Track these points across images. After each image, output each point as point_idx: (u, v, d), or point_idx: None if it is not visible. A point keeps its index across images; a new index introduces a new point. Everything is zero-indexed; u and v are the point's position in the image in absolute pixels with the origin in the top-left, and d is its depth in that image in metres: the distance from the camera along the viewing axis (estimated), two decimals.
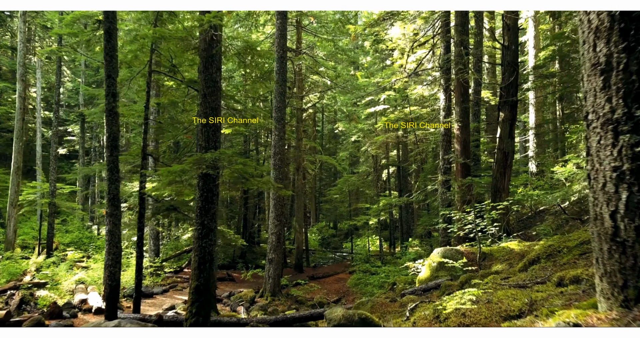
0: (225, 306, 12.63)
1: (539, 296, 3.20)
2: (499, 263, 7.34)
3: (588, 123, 2.38)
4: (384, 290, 15.10)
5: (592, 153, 2.34)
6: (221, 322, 7.81)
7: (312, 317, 7.78)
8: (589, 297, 2.74)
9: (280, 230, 13.75)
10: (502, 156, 11.62)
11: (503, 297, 3.47)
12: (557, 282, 3.44)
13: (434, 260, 8.36)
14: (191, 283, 6.45)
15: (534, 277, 4.39)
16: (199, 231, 6.57)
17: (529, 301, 3.09)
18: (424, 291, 7.44)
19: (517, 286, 3.99)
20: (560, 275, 3.49)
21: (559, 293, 3.15)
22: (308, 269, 21.64)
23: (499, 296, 3.54)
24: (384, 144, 23.85)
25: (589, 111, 2.37)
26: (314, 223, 36.48)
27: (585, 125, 2.41)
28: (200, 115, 6.79)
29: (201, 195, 6.61)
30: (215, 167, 6.32)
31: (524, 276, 4.56)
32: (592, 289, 2.88)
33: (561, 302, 2.78)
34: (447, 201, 12.31)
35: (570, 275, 3.39)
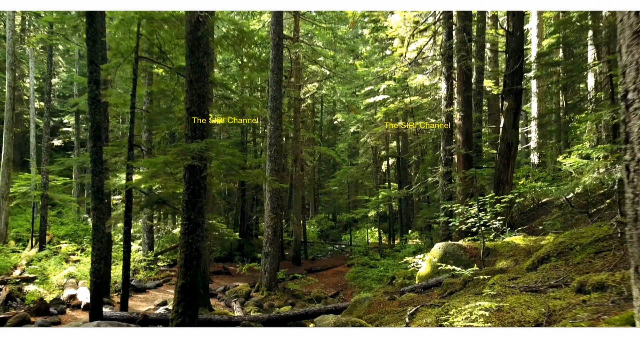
0: (219, 301, 12.30)
1: (557, 305, 2.81)
2: (503, 259, 6.96)
3: (627, 104, 1.96)
4: (382, 284, 14.77)
5: (632, 140, 1.93)
6: (211, 320, 7.45)
7: (307, 315, 7.43)
8: (619, 309, 2.36)
9: (276, 223, 13.39)
10: (505, 147, 11.20)
11: (515, 303, 3.08)
12: (577, 288, 3.05)
13: (434, 256, 7.98)
14: (177, 281, 6.07)
15: (546, 278, 4.00)
16: (186, 226, 6.18)
17: (546, 311, 2.71)
18: (424, 289, 7.07)
19: (529, 290, 3.60)
20: (581, 280, 3.10)
21: (580, 302, 2.77)
22: (306, 262, 21.33)
23: (511, 302, 3.15)
24: (384, 135, 23.41)
25: (628, 89, 1.95)
26: (313, 214, 36.16)
27: (624, 106, 1.99)
28: (186, 103, 6.36)
29: (187, 188, 6.21)
30: (201, 158, 5.91)
31: (534, 277, 4.17)
32: (623, 300, 2.50)
33: (586, 315, 2.40)
34: (448, 193, 11.92)
35: (593, 280, 3.00)
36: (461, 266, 7.41)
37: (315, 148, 24.23)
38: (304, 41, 20.44)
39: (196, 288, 6.13)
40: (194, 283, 6.10)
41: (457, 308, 3.66)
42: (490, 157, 16.30)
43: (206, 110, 6.41)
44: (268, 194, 13.34)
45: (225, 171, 6.56)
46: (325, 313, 7.50)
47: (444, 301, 4.96)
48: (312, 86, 23.33)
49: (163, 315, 9.05)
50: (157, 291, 12.89)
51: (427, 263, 8.11)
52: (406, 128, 20.53)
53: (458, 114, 11.86)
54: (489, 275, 6.05)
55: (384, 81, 21.89)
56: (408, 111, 19.68)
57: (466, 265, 7.40)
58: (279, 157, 13.50)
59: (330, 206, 34.08)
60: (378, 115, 21.47)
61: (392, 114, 21.42)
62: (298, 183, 20.75)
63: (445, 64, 12.64)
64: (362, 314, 6.42)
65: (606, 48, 13.54)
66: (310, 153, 26.70)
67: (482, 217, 7.53)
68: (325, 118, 42.00)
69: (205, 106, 6.41)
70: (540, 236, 7.63)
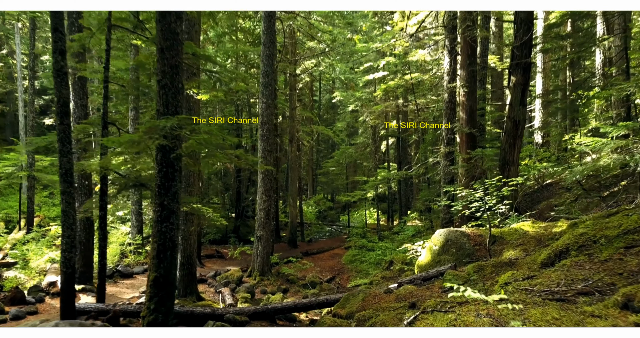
0: (209, 287, 11.79)
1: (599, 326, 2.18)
2: (511, 249, 6.34)
3: None
4: (380, 268, 14.26)
5: None
6: (193, 313, 6.89)
7: (297, 308, 6.86)
8: None
9: (269, 206, 12.77)
10: (512, 126, 10.48)
11: (541, 320, 2.45)
12: (623, 303, 2.42)
13: (435, 243, 7.37)
14: (149, 274, 5.46)
15: (569, 280, 3.36)
16: (158, 213, 5.52)
17: None
18: (423, 281, 6.47)
19: (553, 298, 2.96)
20: (626, 292, 2.45)
21: (632, 324, 2.14)
22: (302, 244, 20.85)
23: (534, 318, 2.52)
24: (383, 113, 22.60)
25: None
26: (312, 195, 35.60)
27: None
28: (157, 74, 5.61)
29: (160, 171, 5.52)
30: (173, 137, 5.21)
31: (554, 277, 3.53)
32: None
33: None
34: (449, 175, 11.25)
35: None
36: (464, 255, 6.81)
37: (312, 127, 23.45)
38: (300, 14, 19.41)
39: (171, 281, 5.52)
40: (168, 276, 5.48)
41: (466, 317, 3.02)
42: (494, 136, 15.57)
43: (180, 83, 5.66)
44: (260, 175, 12.67)
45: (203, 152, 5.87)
46: (317, 306, 6.93)
47: (446, 300, 4.34)
48: (309, 63, 22.39)
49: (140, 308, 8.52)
50: (144, 277, 12.36)
51: (427, 251, 7.50)
52: (406, 106, 19.70)
53: (461, 90, 11.09)
54: (496, 267, 5.43)
55: (384, 57, 20.96)
56: (408, 88, 18.82)
57: (469, 254, 6.80)
58: (272, 136, 12.78)
59: (329, 187, 33.48)
60: (377, 93, 20.63)
61: (392, 91, 20.59)
62: (294, 163, 20.07)
63: (448, 36, 11.79)
64: (355, 309, 5.84)
65: (621, 19, 12.65)
66: (308, 132, 25.93)
67: (488, 201, 6.87)
68: (324, 97, 41.03)
69: (179, 78, 5.66)
70: (551, 223, 6.99)
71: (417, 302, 5.38)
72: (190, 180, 9.69)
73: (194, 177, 9.75)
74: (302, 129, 24.65)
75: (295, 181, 20.26)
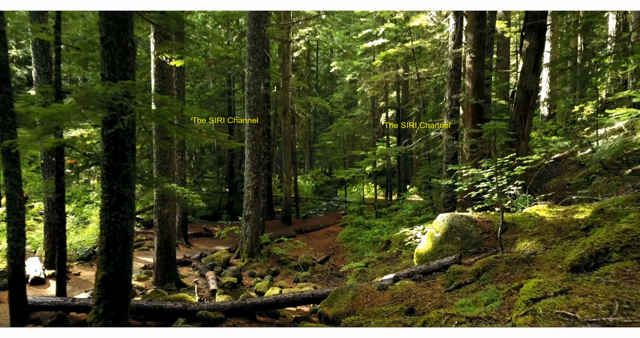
0: (194, 270, 11.02)
1: None
2: (526, 239, 5.45)
3: None
4: (377, 248, 13.50)
5: None
6: (162, 308, 6.08)
7: (278, 304, 6.05)
8: None
9: (257, 183, 11.86)
10: (523, 96, 9.45)
11: None
12: None
13: (437, 230, 6.48)
14: (97, 272, 4.59)
15: (624, 303, 2.46)
16: (107, 200, 4.60)
17: None
18: (423, 275, 5.62)
19: None
20: None
21: None
22: (297, 221, 20.08)
23: None
24: (383, 84, 21.38)
25: None
26: (309, 169, 34.73)
27: None
28: (100, 31, 4.56)
29: (107, 149, 4.56)
30: (122, 109, 4.21)
31: (600, 295, 2.63)
32: None
33: None
34: (452, 150, 10.29)
35: None
36: (470, 244, 5.93)
37: (308, 99, 22.29)
38: None
39: (124, 281, 4.65)
40: (120, 274, 4.61)
41: None
42: (500, 108, 14.51)
43: (130, 41, 4.62)
44: (248, 151, 11.71)
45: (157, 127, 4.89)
46: (301, 302, 6.11)
47: (452, 313, 3.46)
48: (305, 31, 21.01)
49: None
50: None
51: (428, 238, 6.63)
52: (407, 75, 18.50)
53: (468, 56, 9.97)
54: (511, 265, 4.55)
55: (383, 24, 19.61)
56: (409, 56, 17.58)
57: (476, 244, 5.92)
58: (260, 108, 11.73)
59: (326, 161, 32.52)
60: (377, 61, 19.38)
61: (392, 60, 19.32)
62: (288, 137, 19.04)
63: None
64: (344, 310, 5.00)
65: None
66: (304, 104, 24.77)
67: (499, 181, 5.93)
68: (322, 67, 39.55)
69: (129, 35, 4.61)
70: (571, 207, 6.08)
71: (415, 305, 4.54)
72: (165, 157, 8.73)
73: (170, 153, 8.79)
74: (298, 101, 23.48)
75: (289, 156, 19.30)
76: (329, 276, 11.73)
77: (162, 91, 8.64)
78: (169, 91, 8.77)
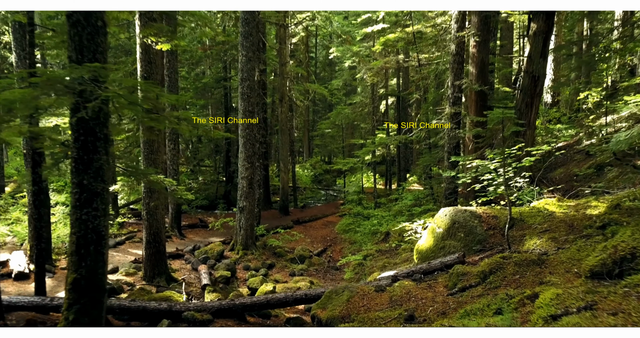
0: (186, 263, 10.66)
1: None
2: (535, 236, 5.04)
3: None
4: (375, 239, 13.15)
5: None
6: (146, 308, 5.71)
7: (269, 305, 5.67)
8: None
9: (252, 174, 11.44)
10: (529, 82, 8.98)
11: None
12: None
13: (439, 225, 6.08)
14: (68, 275, 4.20)
15: None
16: (77, 196, 4.18)
17: None
18: (424, 275, 5.23)
19: None
20: None
21: None
22: (295, 211, 19.72)
23: None
24: (382, 70, 20.82)
25: None
26: (308, 158, 34.28)
27: None
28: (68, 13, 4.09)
29: (76, 140, 4.13)
30: (82, 94, 3.76)
31: (635, 314, 2.23)
32: None
33: None
34: (455, 139, 9.84)
35: None
36: (475, 241, 5.53)
37: (306, 85, 21.72)
38: None
39: (97, 284, 4.26)
40: (93, 277, 4.22)
41: None
42: (504, 95, 14.01)
43: (100, 20, 4.15)
44: (241, 140, 11.27)
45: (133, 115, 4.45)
46: (294, 302, 5.73)
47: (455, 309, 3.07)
48: (303, 15, 20.37)
49: None
50: (115, 251, 11.23)
51: (429, 234, 6.23)
52: (407, 61, 17.93)
53: (472, 40, 9.46)
54: (520, 266, 4.15)
55: None
56: (410, 42, 17.00)
57: (481, 241, 5.52)
58: (254, 95, 11.24)
59: (324, 150, 32.02)
60: (376, 47, 18.78)
61: (392, 45, 18.72)
62: (285, 125, 18.56)
63: None
64: (338, 314, 4.63)
65: None
66: (302, 91, 24.20)
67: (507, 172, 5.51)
68: (321, 54, 38.85)
69: (99, 13, 4.14)
70: (582, 201, 5.66)
71: (416, 310, 4.15)
72: (153, 146, 8.29)
73: (158, 143, 8.35)
74: (296, 88, 22.94)
75: (287, 145, 18.84)
76: (326, 270, 11.39)
77: (148, 76, 8.16)
78: (157, 77, 8.29)
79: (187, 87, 22.95)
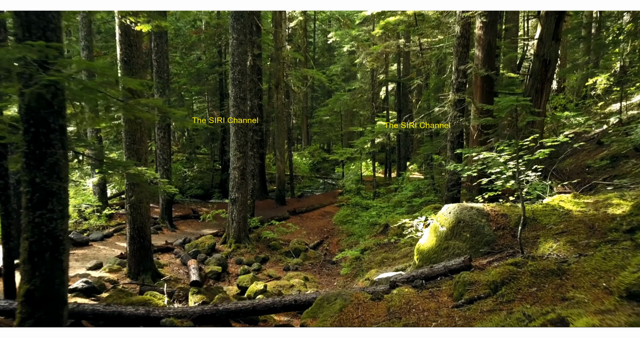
0: (176, 257, 10.18)
1: None
2: (550, 239, 4.52)
3: None
4: (374, 232, 12.66)
5: None
6: (122, 314, 5.22)
7: (255, 311, 5.18)
8: None
9: (244, 164, 10.90)
10: (540, 66, 8.37)
11: None
12: None
13: (442, 223, 5.56)
14: (20, 286, 3.69)
15: None
16: (28, 196, 3.64)
17: None
18: (426, 281, 4.72)
19: None
20: None
21: None
22: (292, 200, 19.22)
23: None
24: (382, 55, 20.10)
25: None
26: (306, 145, 33.65)
27: None
28: None
29: (26, 131, 3.58)
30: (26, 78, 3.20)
31: None
32: None
33: None
34: (458, 128, 9.27)
35: None
36: (482, 243, 5.01)
37: (303, 71, 21.01)
38: None
39: (56, 295, 3.74)
40: (49, 288, 3.70)
41: None
42: (510, 81, 13.38)
43: None
44: (232, 128, 10.69)
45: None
46: (282, 309, 5.23)
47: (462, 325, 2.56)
48: None
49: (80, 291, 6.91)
50: (102, 245, 10.75)
51: (432, 233, 5.71)
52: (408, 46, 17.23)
53: (478, 21, 8.81)
54: (537, 277, 3.63)
55: None
56: (411, 25, 16.26)
57: (489, 242, 5.00)
58: (245, 80, 10.62)
59: (323, 137, 31.38)
60: (376, 31, 18.03)
61: (392, 29, 17.98)
62: (281, 112, 17.93)
63: None
64: (329, 325, 4.12)
65: None
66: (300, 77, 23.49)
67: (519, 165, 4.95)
68: (320, 39, 37.94)
69: None
70: (601, 197, 5.12)
71: (417, 325, 3.64)
72: (135, 136, 7.72)
73: (140, 132, 7.77)
74: (293, 74, 22.23)
75: (283, 133, 18.24)
76: (322, 264, 10.92)
77: (129, 60, 7.56)
78: (138, 60, 7.67)
79: (180, 72, 22.25)
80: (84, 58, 12.53)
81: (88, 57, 12.49)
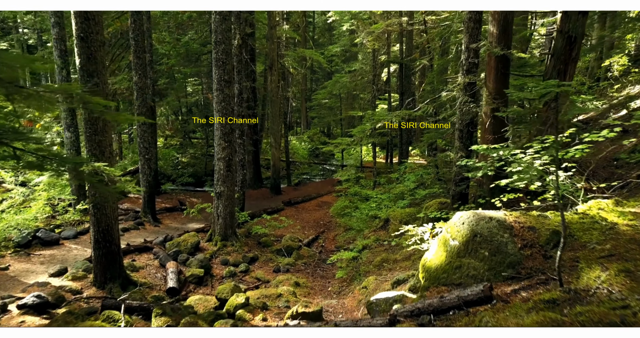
0: (154, 258, 9.25)
1: None
2: (595, 265, 3.51)
3: None
4: (374, 226, 11.67)
5: None
6: None
7: None
8: None
9: (230, 154, 9.87)
10: (564, 44, 7.24)
11: None
12: None
13: (453, 235, 4.55)
14: None
15: None
16: None
17: None
18: (434, 315, 3.74)
19: None
20: None
21: None
22: (288, 189, 18.25)
23: None
24: (384, 34, 18.80)
25: None
26: (305, 129, 32.52)
27: None
28: None
29: None
30: None
31: None
32: None
33: None
34: (468, 115, 8.18)
35: None
36: (504, 264, 4.02)
37: (299, 51, 19.77)
38: None
39: None
40: None
41: None
42: (523, 62, 12.20)
43: None
44: (217, 114, 9.62)
45: None
46: None
47: None
48: None
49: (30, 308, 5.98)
50: (74, 243, 9.82)
51: (441, 246, 4.70)
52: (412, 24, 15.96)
53: None
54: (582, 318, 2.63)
55: None
56: None
57: (513, 265, 4.00)
58: (230, 61, 9.49)
59: (322, 121, 30.22)
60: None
61: None
62: (275, 95, 16.79)
63: None
64: None
65: None
66: (297, 58, 22.24)
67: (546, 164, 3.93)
68: (320, 18, 36.41)
69: None
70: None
71: None
72: (97, 126, 6.67)
73: (103, 121, 6.72)
74: (290, 55, 21.00)
75: (278, 117, 17.14)
76: (316, 264, 10.00)
77: (85, 37, 6.46)
78: (97, 37, 6.57)
79: (170, 53, 21.02)
80: (54, 36, 11.38)
81: (59, 35, 11.34)
